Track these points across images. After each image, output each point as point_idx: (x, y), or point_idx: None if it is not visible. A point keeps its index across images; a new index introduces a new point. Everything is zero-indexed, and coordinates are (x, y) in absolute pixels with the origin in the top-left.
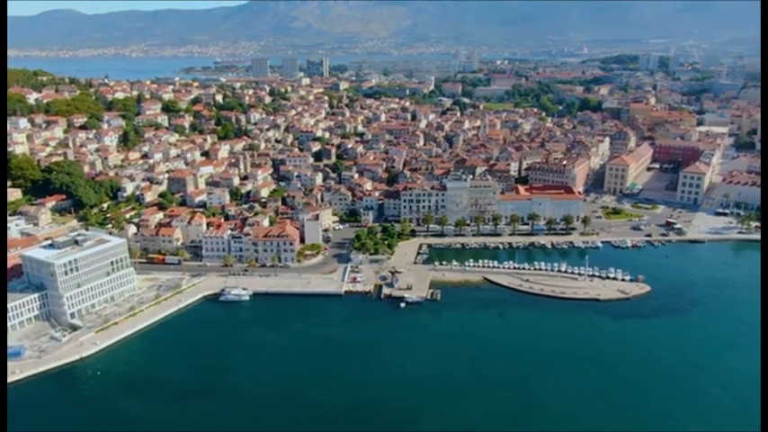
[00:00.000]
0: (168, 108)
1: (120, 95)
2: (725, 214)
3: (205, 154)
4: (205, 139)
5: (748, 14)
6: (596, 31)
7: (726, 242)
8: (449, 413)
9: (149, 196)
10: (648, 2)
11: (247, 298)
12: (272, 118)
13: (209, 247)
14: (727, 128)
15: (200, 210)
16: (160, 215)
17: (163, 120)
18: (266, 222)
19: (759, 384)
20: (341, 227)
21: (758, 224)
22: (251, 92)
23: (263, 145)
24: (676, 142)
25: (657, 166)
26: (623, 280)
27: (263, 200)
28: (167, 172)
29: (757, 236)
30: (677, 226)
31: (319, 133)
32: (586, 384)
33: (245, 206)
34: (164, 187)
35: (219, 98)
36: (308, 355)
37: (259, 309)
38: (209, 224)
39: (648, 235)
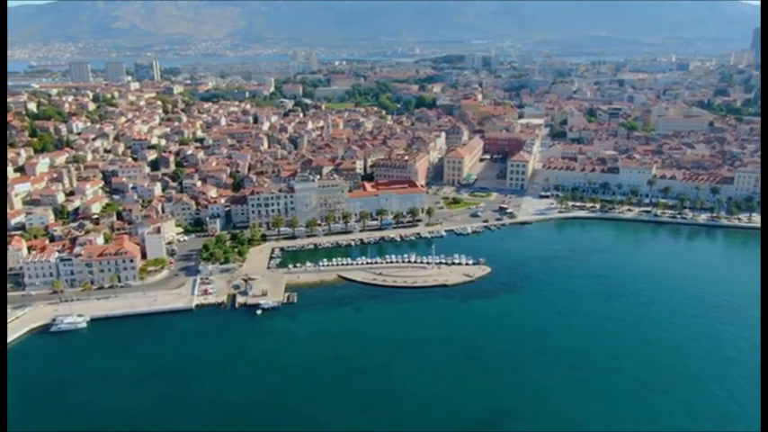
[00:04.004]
0: None
1: None
2: (547, 197)
3: (20, 170)
4: (18, 153)
5: (553, 18)
6: (426, 33)
7: (549, 221)
8: (315, 413)
9: None
10: (471, 4)
11: (84, 325)
12: (98, 126)
13: (33, 273)
14: (543, 119)
15: (19, 233)
16: None
17: None
18: (100, 240)
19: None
20: (186, 238)
21: (574, 203)
22: (71, 98)
23: (89, 156)
24: (502, 134)
25: (488, 156)
26: (467, 264)
27: (95, 216)
28: None
29: (574, 214)
30: (509, 210)
31: (154, 140)
32: (443, 365)
33: (74, 224)
34: None
35: (33, 106)
36: (160, 379)
37: (100, 335)
38: (30, 248)
39: (486, 221)
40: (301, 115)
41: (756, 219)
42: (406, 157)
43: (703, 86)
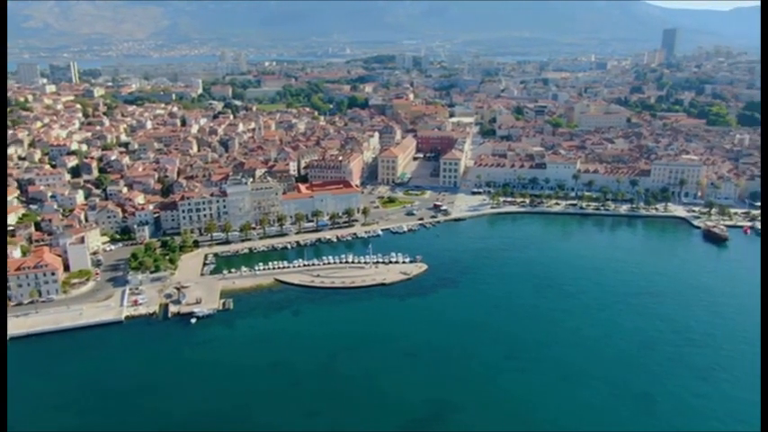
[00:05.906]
0: None
1: None
2: (479, 193)
3: None
4: None
5: (478, 19)
6: (356, 33)
7: (482, 217)
8: (257, 420)
9: None
10: (400, 4)
11: None
12: (11, 132)
13: None
14: (473, 118)
15: None
16: None
17: None
18: (17, 253)
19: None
20: (113, 247)
21: (505, 198)
22: None
23: None
24: (435, 133)
25: (422, 155)
26: (404, 262)
27: (11, 228)
28: None
29: (505, 209)
30: (443, 208)
31: (74, 146)
32: (385, 363)
33: None
34: None
35: None
36: (89, 398)
37: (19, 355)
38: None
39: (421, 219)
40: (231, 117)
41: (671, 208)
42: (340, 158)
43: (620, 84)
